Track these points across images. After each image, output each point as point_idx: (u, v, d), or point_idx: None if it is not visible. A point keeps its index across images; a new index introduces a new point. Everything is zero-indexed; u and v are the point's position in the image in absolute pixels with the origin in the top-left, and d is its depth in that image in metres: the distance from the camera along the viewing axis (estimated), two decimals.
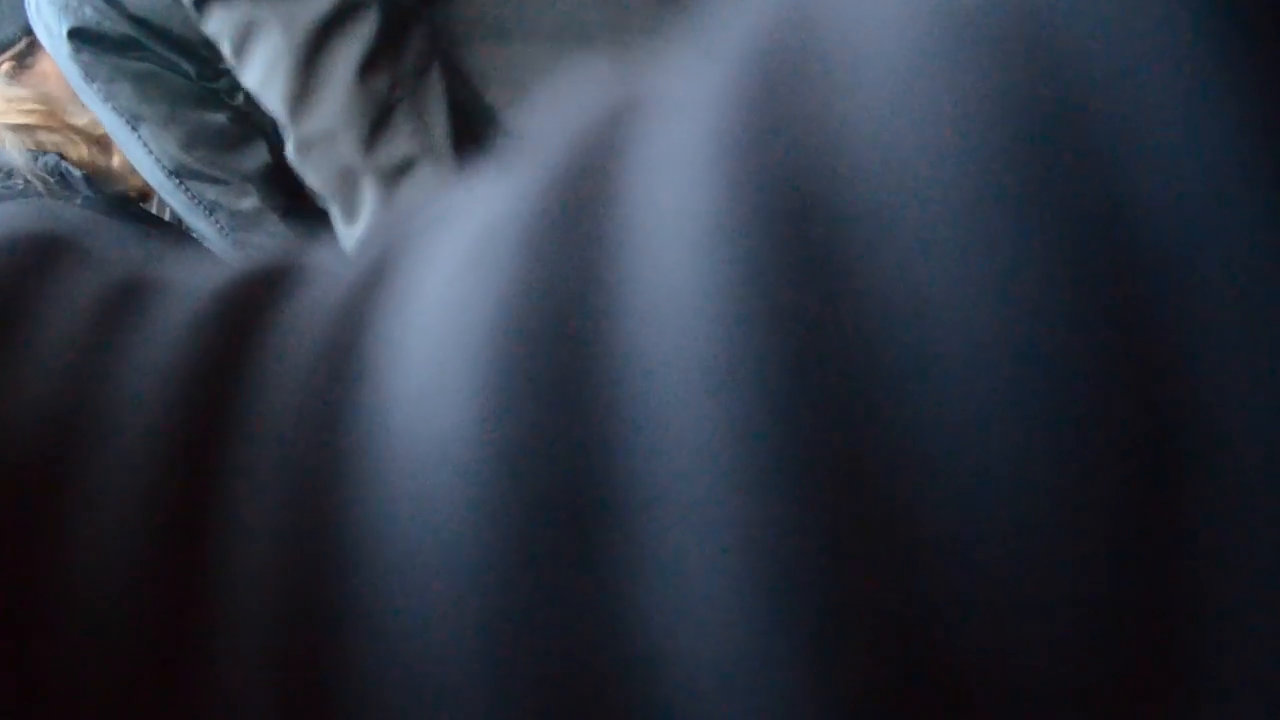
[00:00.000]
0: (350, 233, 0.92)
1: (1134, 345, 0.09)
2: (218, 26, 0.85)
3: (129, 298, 0.14)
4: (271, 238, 1.11)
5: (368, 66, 0.84)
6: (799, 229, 0.10)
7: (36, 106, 1.61)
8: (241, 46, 0.86)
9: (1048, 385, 0.09)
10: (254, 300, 0.13)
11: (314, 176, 0.92)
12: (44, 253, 0.14)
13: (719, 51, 0.12)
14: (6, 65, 1.57)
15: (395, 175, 0.88)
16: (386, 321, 0.12)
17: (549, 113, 0.14)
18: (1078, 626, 0.09)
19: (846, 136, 0.10)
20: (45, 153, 1.64)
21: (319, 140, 0.89)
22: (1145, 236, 0.09)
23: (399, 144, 0.87)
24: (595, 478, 0.11)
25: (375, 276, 0.13)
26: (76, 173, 1.77)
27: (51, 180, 1.78)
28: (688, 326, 0.10)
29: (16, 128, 1.58)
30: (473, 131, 0.92)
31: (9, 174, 1.56)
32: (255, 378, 0.12)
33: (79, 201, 1.77)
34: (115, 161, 1.64)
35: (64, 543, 0.11)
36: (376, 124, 0.87)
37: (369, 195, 0.90)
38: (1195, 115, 0.09)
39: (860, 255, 0.10)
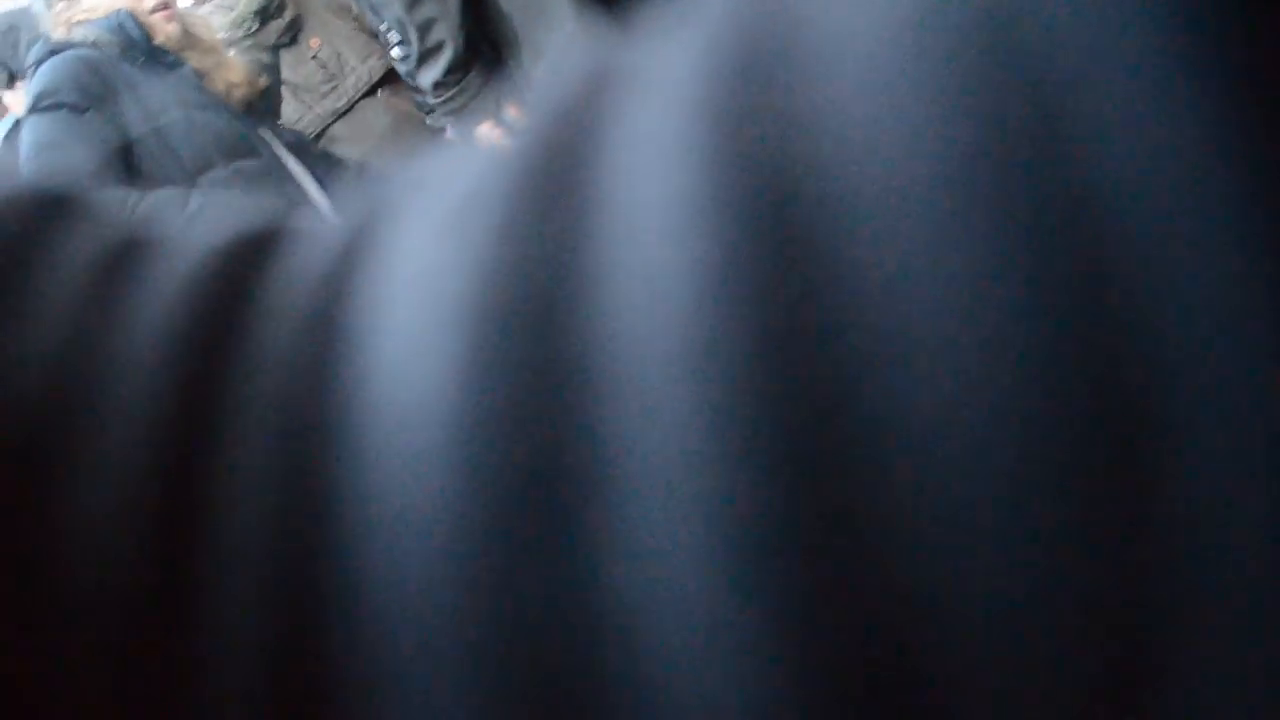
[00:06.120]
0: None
1: (1096, 333, 0.09)
2: None
3: (128, 256, 0.14)
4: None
5: None
6: (776, 214, 0.10)
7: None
8: None
9: (1013, 371, 0.09)
10: (246, 262, 0.14)
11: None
12: (47, 210, 0.14)
13: (697, 25, 0.12)
14: None
15: (423, 29, 1.84)
16: (368, 287, 0.13)
17: (534, 82, 0.14)
18: (1042, 605, 0.09)
19: (823, 124, 0.10)
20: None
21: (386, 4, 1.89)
22: (1109, 230, 0.09)
23: (425, 9, 1.84)
24: (570, 449, 0.11)
25: (359, 241, 0.13)
26: (136, 31, 1.94)
27: (114, 38, 1.94)
28: (665, 304, 0.11)
29: None
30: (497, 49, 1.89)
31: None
32: (247, 340, 0.13)
33: (139, 60, 1.91)
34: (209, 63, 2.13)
35: (66, 492, 0.12)
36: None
37: (414, 38, 1.88)
38: (1157, 111, 0.09)
39: (835, 241, 0.10)
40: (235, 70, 2.28)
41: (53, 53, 2.05)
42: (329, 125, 2.66)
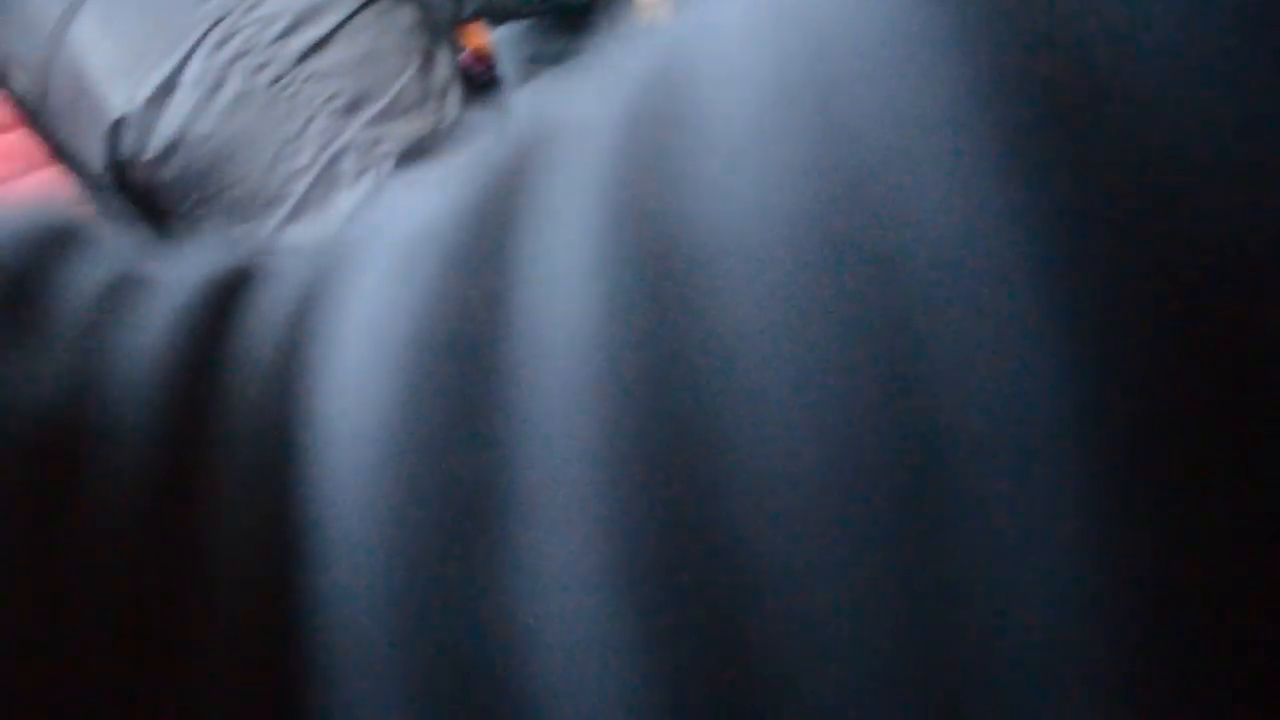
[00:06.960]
0: None
1: (897, 371, 0.11)
2: None
3: (124, 290, 0.15)
4: None
5: None
6: (657, 272, 0.12)
7: None
8: None
9: (834, 413, 0.11)
10: (225, 299, 0.15)
11: None
12: (55, 243, 0.16)
13: (614, 99, 0.14)
14: None
15: None
16: (325, 326, 0.14)
17: (487, 130, 0.16)
18: (862, 625, 0.11)
19: (698, 196, 0.12)
20: None
21: None
22: (915, 310, 0.11)
23: None
24: (485, 476, 0.12)
25: (323, 281, 0.15)
26: None
27: None
28: (567, 349, 0.12)
29: None
30: None
31: None
32: (225, 374, 0.14)
33: None
34: None
35: (74, 500, 0.13)
36: None
37: None
38: (965, 228, 0.11)
39: (701, 295, 0.12)
40: None
41: None
42: None
